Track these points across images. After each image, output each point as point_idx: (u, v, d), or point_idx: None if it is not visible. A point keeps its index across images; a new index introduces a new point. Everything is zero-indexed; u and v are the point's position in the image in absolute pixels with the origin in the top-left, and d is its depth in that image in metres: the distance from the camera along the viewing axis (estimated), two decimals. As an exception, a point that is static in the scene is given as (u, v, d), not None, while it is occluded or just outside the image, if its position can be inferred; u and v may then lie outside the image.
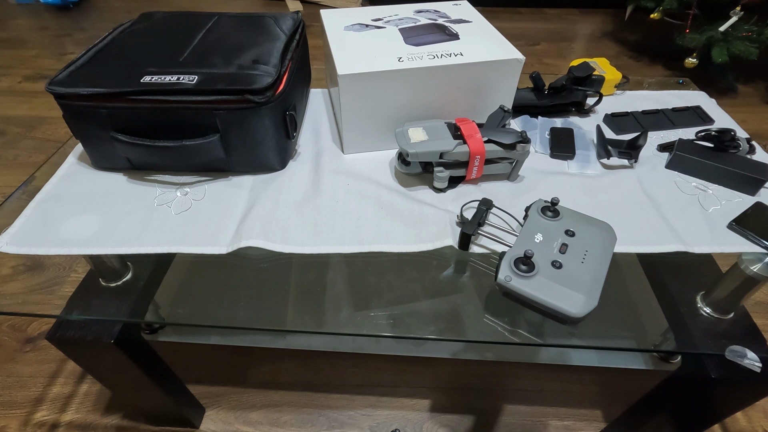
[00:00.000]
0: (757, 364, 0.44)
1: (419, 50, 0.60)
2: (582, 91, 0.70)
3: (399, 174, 0.61)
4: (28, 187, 0.59)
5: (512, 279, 0.43)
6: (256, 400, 0.83)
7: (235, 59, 0.56)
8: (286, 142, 0.60)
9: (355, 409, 0.82)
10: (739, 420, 0.79)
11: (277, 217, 0.54)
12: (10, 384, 0.84)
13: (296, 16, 0.69)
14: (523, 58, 0.59)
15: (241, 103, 0.53)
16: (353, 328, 0.49)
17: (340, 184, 0.59)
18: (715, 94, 1.65)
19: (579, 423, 0.80)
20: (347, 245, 0.52)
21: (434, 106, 0.61)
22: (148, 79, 0.52)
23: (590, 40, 2.14)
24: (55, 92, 0.52)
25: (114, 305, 0.50)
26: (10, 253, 0.51)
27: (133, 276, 0.52)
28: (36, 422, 0.79)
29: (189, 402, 0.76)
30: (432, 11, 0.72)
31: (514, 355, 0.73)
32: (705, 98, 0.79)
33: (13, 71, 1.81)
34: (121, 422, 0.79)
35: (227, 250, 0.51)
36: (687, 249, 0.51)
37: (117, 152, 0.57)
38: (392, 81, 0.57)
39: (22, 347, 0.90)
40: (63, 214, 0.55)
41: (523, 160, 0.58)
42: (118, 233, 0.53)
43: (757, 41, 1.45)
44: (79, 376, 0.85)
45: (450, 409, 0.82)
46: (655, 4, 1.67)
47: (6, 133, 1.47)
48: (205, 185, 0.59)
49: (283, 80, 0.56)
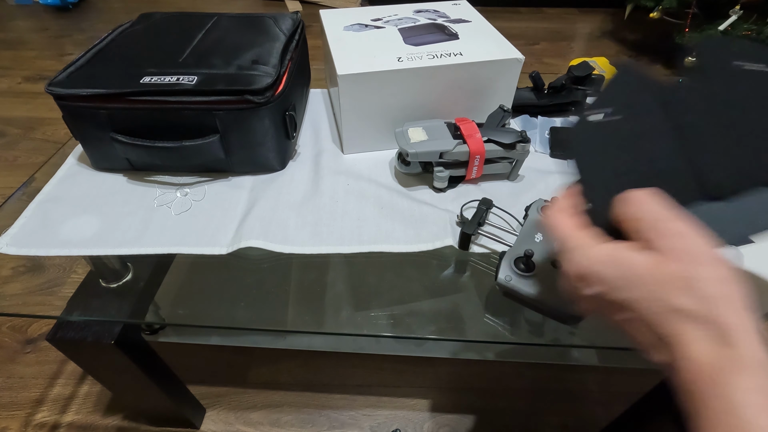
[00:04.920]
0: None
1: (419, 50, 0.60)
2: (582, 90, 0.70)
3: (399, 174, 0.61)
4: (28, 188, 0.59)
5: (512, 279, 0.43)
6: (256, 401, 0.83)
7: (235, 60, 0.56)
8: (286, 143, 0.60)
9: (355, 409, 0.82)
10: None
11: (277, 217, 0.54)
12: (11, 385, 0.84)
13: (295, 16, 0.69)
14: (522, 57, 0.59)
15: (240, 104, 0.53)
16: (353, 328, 0.49)
17: (340, 184, 0.59)
18: (714, 93, 1.64)
19: (579, 423, 0.80)
20: (347, 245, 0.52)
21: (434, 106, 0.61)
22: (147, 80, 0.52)
23: (590, 40, 2.14)
24: (55, 93, 0.52)
25: (114, 306, 0.50)
26: (10, 254, 0.51)
27: (134, 277, 0.52)
28: (36, 423, 0.79)
29: (189, 402, 0.76)
30: (431, 11, 0.72)
31: (514, 355, 0.73)
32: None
33: (12, 72, 1.81)
34: (122, 423, 0.79)
35: (227, 250, 0.51)
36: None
37: (117, 153, 0.57)
38: (392, 81, 0.57)
39: (22, 348, 0.90)
40: (63, 215, 0.55)
41: (523, 160, 0.58)
42: (118, 234, 0.53)
43: (757, 40, 1.45)
44: (79, 377, 0.85)
45: (450, 409, 0.82)
46: (654, 4, 1.67)
47: (6, 134, 1.47)
48: (205, 186, 0.59)
49: (282, 80, 0.56)
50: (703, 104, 0.30)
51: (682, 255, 0.24)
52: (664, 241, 0.24)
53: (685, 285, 0.23)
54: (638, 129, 0.31)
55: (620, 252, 0.25)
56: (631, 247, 0.25)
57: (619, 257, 0.25)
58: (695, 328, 0.23)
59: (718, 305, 0.22)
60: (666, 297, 0.23)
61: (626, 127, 0.31)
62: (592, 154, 0.31)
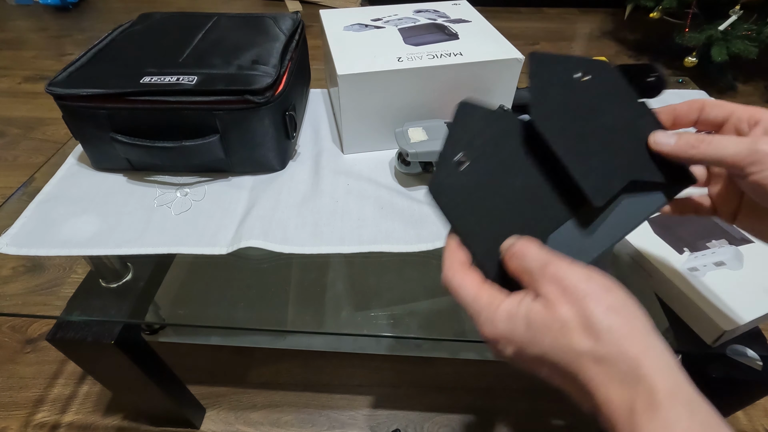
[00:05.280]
0: (757, 362, 0.44)
1: (419, 50, 0.60)
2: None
3: (399, 174, 0.61)
4: (28, 188, 0.59)
5: None
6: (256, 401, 0.83)
7: (235, 60, 0.56)
8: (286, 143, 0.60)
9: (355, 409, 0.82)
10: (739, 419, 0.79)
11: (277, 217, 0.54)
12: (11, 385, 0.84)
13: (295, 16, 0.69)
14: (522, 57, 0.59)
15: (240, 104, 0.53)
16: (353, 328, 0.49)
17: (340, 185, 0.59)
18: (714, 93, 1.64)
19: (579, 423, 0.80)
20: (347, 245, 0.52)
21: (434, 106, 0.61)
22: (147, 80, 0.52)
23: (590, 40, 2.14)
24: (55, 93, 0.52)
25: (114, 306, 0.50)
26: (10, 254, 0.51)
27: (134, 277, 0.52)
28: (36, 423, 0.79)
29: (189, 402, 0.76)
30: (431, 11, 0.72)
31: (514, 355, 0.73)
32: (705, 97, 0.79)
33: (12, 72, 1.81)
34: (122, 423, 0.79)
35: (227, 250, 0.51)
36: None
37: (117, 153, 0.57)
38: (392, 81, 0.57)
39: (22, 348, 0.90)
40: (63, 215, 0.55)
41: (523, 160, 0.58)
42: (118, 234, 0.53)
43: (757, 40, 1.45)
44: (79, 377, 0.85)
45: (450, 409, 0.82)
46: (654, 3, 1.67)
47: (6, 134, 1.47)
48: (205, 186, 0.59)
49: (282, 80, 0.56)
50: (553, 122, 0.30)
51: (567, 296, 0.23)
52: (547, 288, 0.24)
53: (581, 325, 0.22)
54: (492, 168, 0.30)
55: (518, 308, 0.25)
56: (526, 299, 0.25)
57: (518, 313, 0.24)
58: (603, 370, 0.22)
59: (617, 338, 0.22)
60: (569, 342, 0.23)
61: (481, 169, 0.30)
62: (458, 204, 0.30)
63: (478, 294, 0.26)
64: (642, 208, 0.29)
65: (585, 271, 0.24)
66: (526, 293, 0.25)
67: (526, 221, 0.29)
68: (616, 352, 0.22)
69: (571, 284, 0.23)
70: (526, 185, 0.30)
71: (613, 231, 0.28)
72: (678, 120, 0.31)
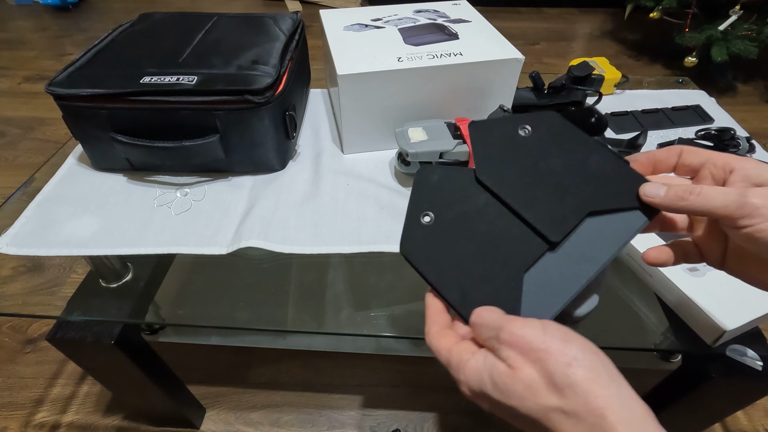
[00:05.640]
0: (758, 362, 0.44)
1: (419, 50, 0.60)
2: (582, 90, 0.70)
3: (399, 174, 0.61)
4: (28, 188, 0.59)
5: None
6: (256, 401, 0.83)
7: (235, 60, 0.56)
8: (286, 143, 0.60)
9: (355, 409, 0.82)
10: (739, 419, 0.79)
11: (277, 217, 0.54)
12: (11, 385, 0.84)
13: (295, 16, 0.69)
14: (522, 57, 0.59)
15: (240, 104, 0.53)
16: (353, 328, 0.49)
17: (340, 185, 0.59)
18: (714, 93, 1.64)
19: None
20: (347, 245, 0.52)
21: (434, 106, 0.61)
22: (147, 80, 0.52)
23: (590, 40, 2.14)
24: (55, 93, 0.52)
25: (114, 306, 0.50)
26: (10, 254, 0.51)
27: (134, 277, 0.52)
28: (36, 423, 0.79)
29: (189, 402, 0.76)
30: (431, 11, 0.72)
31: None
32: (705, 97, 0.79)
33: (12, 72, 1.81)
34: (122, 423, 0.79)
35: (227, 250, 0.51)
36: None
37: (117, 153, 0.57)
38: (392, 81, 0.57)
39: (22, 348, 0.90)
40: (63, 215, 0.55)
41: (523, 160, 0.58)
42: (118, 234, 0.53)
43: (757, 40, 1.45)
44: (79, 377, 0.85)
45: (450, 409, 0.82)
46: (654, 3, 1.66)
47: (6, 134, 1.47)
48: (205, 186, 0.59)
49: (282, 80, 0.56)
50: (498, 175, 0.32)
51: (527, 357, 0.24)
52: (506, 353, 0.25)
53: (545, 384, 0.23)
54: (457, 219, 0.32)
55: (484, 365, 0.26)
56: (489, 355, 0.26)
57: (483, 372, 0.25)
58: (572, 423, 0.22)
59: (581, 393, 0.22)
60: (537, 400, 0.23)
61: (446, 222, 0.32)
62: (429, 258, 0.32)
63: (449, 356, 0.28)
64: (621, 232, 0.29)
65: (539, 327, 0.25)
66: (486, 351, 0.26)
67: (497, 264, 0.30)
68: (582, 406, 0.22)
69: (528, 344, 0.24)
70: (493, 230, 0.31)
71: (597, 256, 0.29)
72: (658, 165, 0.31)
